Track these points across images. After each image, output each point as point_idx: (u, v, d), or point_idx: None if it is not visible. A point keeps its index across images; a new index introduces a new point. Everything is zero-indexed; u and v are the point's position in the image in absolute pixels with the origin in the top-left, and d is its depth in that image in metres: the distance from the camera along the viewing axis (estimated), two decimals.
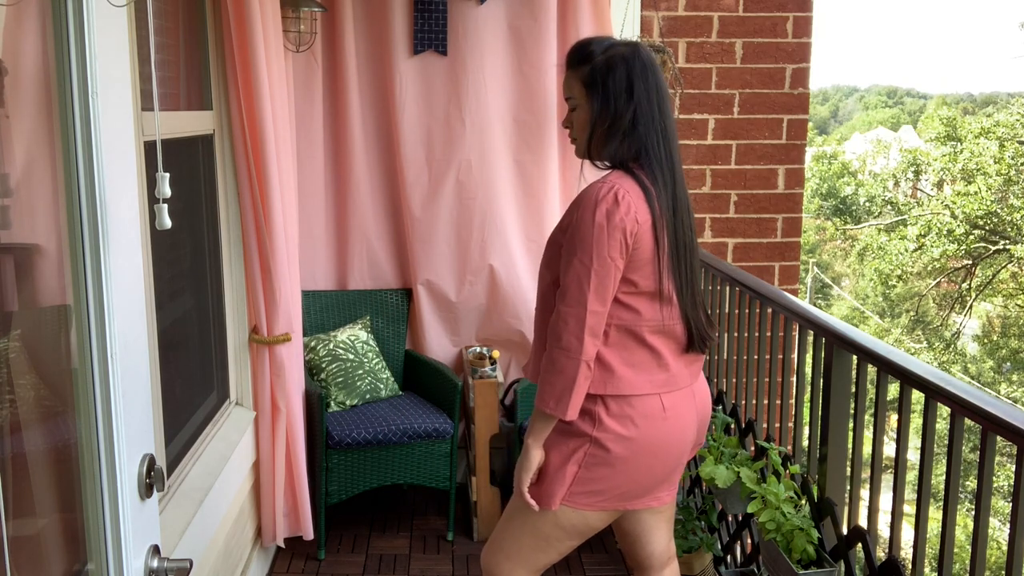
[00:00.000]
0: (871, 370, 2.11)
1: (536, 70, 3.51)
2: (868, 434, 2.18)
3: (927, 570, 2.10)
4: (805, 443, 2.51)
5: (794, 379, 3.01)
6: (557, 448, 1.97)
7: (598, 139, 1.95)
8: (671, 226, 1.91)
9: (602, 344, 1.92)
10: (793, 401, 3.04)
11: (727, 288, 3.07)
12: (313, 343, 3.43)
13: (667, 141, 1.94)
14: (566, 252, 1.90)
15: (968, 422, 1.73)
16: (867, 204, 20.94)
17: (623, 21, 3.55)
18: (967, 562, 8.21)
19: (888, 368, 1.98)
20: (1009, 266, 15.49)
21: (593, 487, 1.96)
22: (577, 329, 1.86)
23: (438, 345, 3.72)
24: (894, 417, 2.55)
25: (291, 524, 3.15)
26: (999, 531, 10.95)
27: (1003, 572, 1.62)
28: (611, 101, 1.92)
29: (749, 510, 2.28)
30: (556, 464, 1.96)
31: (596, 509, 1.99)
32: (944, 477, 1.83)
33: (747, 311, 2.84)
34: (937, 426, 1.87)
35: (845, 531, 2.18)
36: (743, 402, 2.87)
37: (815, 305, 12.63)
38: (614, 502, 1.99)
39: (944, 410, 1.81)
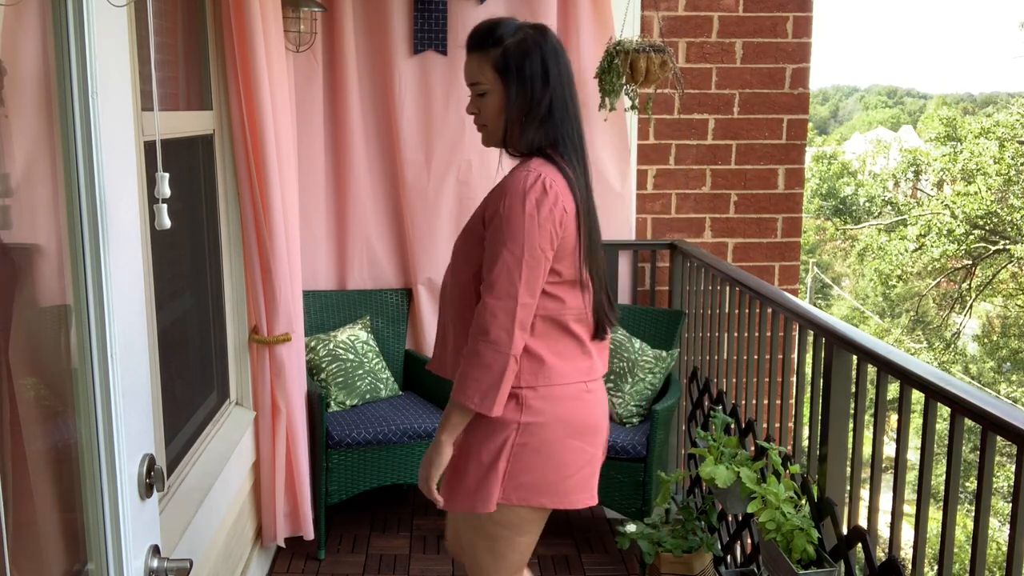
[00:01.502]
0: (871, 370, 2.11)
1: None
2: (868, 434, 2.18)
3: (927, 570, 2.11)
4: (805, 443, 2.51)
5: (794, 379, 3.01)
6: (484, 446, 1.91)
7: (514, 126, 1.89)
8: (587, 213, 1.91)
9: (528, 335, 1.88)
10: (793, 401, 3.04)
11: (727, 288, 3.07)
12: (313, 343, 3.43)
13: (579, 127, 1.93)
14: (492, 243, 1.83)
15: (968, 422, 1.73)
16: (867, 204, 20.94)
17: (623, 21, 3.55)
18: (967, 562, 8.20)
19: (888, 368, 1.98)
20: (1009, 266, 15.49)
21: (523, 479, 1.91)
22: (507, 322, 1.81)
23: None
24: (894, 417, 2.56)
25: (291, 524, 3.15)
26: (999, 531, 10.95)
27: (1003, 572, 1.62)
28: (528, 87, 1.87)
29: (749, 510, 2.28)
30: (487, 462, 1.91)
31: (529, 504, 1.93)
32: (944, 477, 1.83)
33: (747, 311, 2.84)
34: (937, 426, 1.87)
35: (845, 531, 2.18)
36: (743, 402, 2.87)
37: (815, 305, 12.63)
38: (545, 496, 1.94)
39: (944, 410, 1.81)
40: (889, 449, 10.10)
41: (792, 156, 3.81)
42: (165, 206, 1.20)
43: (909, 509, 7.42)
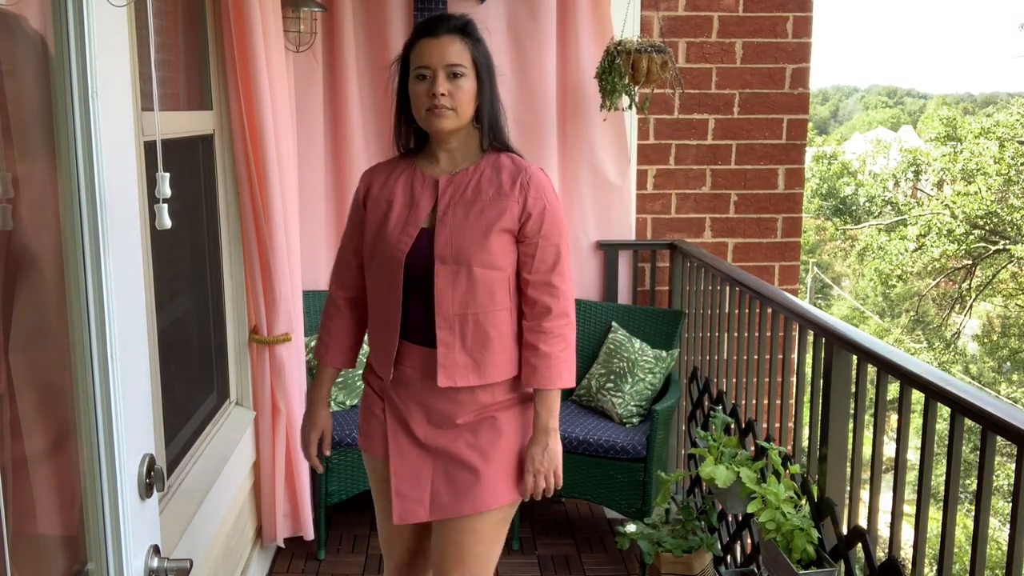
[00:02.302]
0: (871, 370, 2.11)
1: (536, 70, 3.51)
2: (868, 434, 2.18)
3: (927, 570, 2.11)
4: (805, 443, 2.51)
5: (794, 379, 3.01)
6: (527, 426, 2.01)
7: (493, 119, 1.94)
8: None
9: None
10: (793, 401, 3.04)
11: (727, 288, 3.07)
12: (313, 343, 3.43)
13: None
14: (548, 237, 1.92)
15: (968, 422, 1.73)
16: (867, 204, 20.95)
17: (623, 21, 3.55)
18: (967, 562, 8.20)
19: (888, 368, 1.98)
20: (1009, 266, 15.49)
21: None
22: (574, 301, 2.00)
23: None
24: (894, 417, 2.56)
25: (291, 524, 3.15)
26: (999, 531, 10.95)
27: (1003, 572, 1.62)
28: (495, 84, 1.96)
29: (749, 510, 2.28)
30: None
31: None
32: (944, 477, 1.83)
33: (747, 311, 2.84)
34: (937, 426, 1.87)
35: (845, 531, 2.18)
36: (743, 402, 2.87)
37: (815, 305, 12.63)
38: None
39: (944, 410, 1.81)
40: (889, 449, 10.10)
41: (792, 156, 3.81)
42: (165, 206, 1.20)
43: (909, 509, 7.42)
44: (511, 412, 1.97)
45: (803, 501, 2.31)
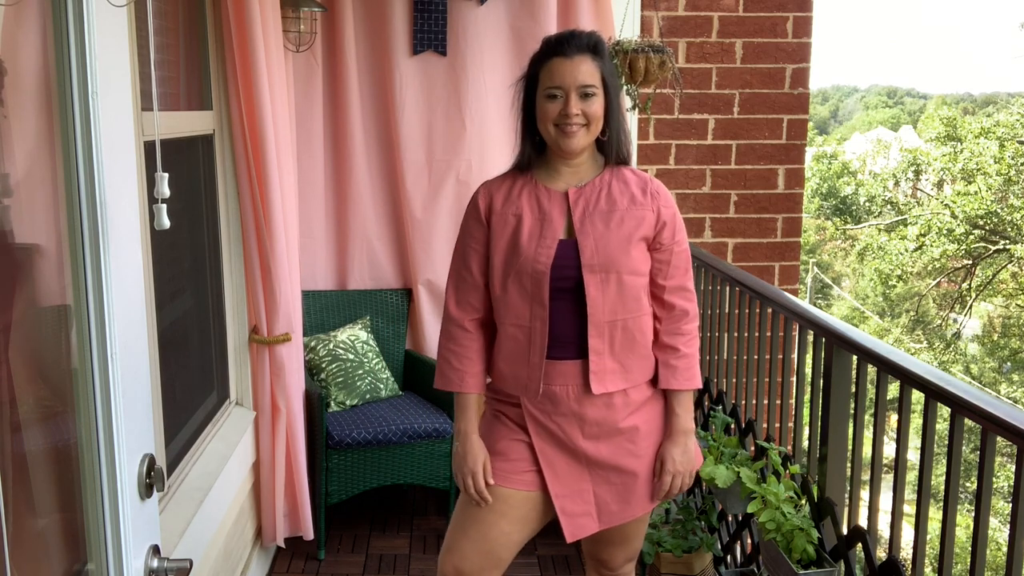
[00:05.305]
0: (871, 370, 2.11)
1: None
2: (868, 434, 2.18)
3: (927, 570, 2.11)
4: (805, 443, 2.51)
5: (794, 379, 3.01)
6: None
7: (617, 133, 1.98)
8: None
9: None
10: (793, 401, 3.04)
11: (727, 288, 3.07)
12: (313, 343, 3.43)
13: None
14: (682, 241, 2.01)
15: (968, 422, 1.73)
16: (867, 204, 20.95)
17: (623, 21, 3.54)
18: (967, 562, 8.19)
19: (888, 368, 1.97)
20: (1009, 266, 15.49)
21: None
22: None
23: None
24: (894, 417, 2.56)
25: (291, 524, 3.15)
26: (999, 531, 10.95)
27: (1003, 572, 1.62)
28: (620, 97, 2.00)
29: (749, 510, 2.28)
30: None
31: None
32: (944, 477, 1.83)
33: (747, 311, 2.84)
34: (937, 426, 1.87)
35: (845, 531, 2.18)
36: (743, 402, 2.87)
37: (815, 305, 12.62)
38: None
39: (944, 410, 1.81)
40: (889, 449, 10.10)
41: (792, 156, 3.81)
42: (164, 206, 1.20)
43: (909, 509, 7.42)
44: (655, 410, 2.03)
45: (803, 501, 2.31)
